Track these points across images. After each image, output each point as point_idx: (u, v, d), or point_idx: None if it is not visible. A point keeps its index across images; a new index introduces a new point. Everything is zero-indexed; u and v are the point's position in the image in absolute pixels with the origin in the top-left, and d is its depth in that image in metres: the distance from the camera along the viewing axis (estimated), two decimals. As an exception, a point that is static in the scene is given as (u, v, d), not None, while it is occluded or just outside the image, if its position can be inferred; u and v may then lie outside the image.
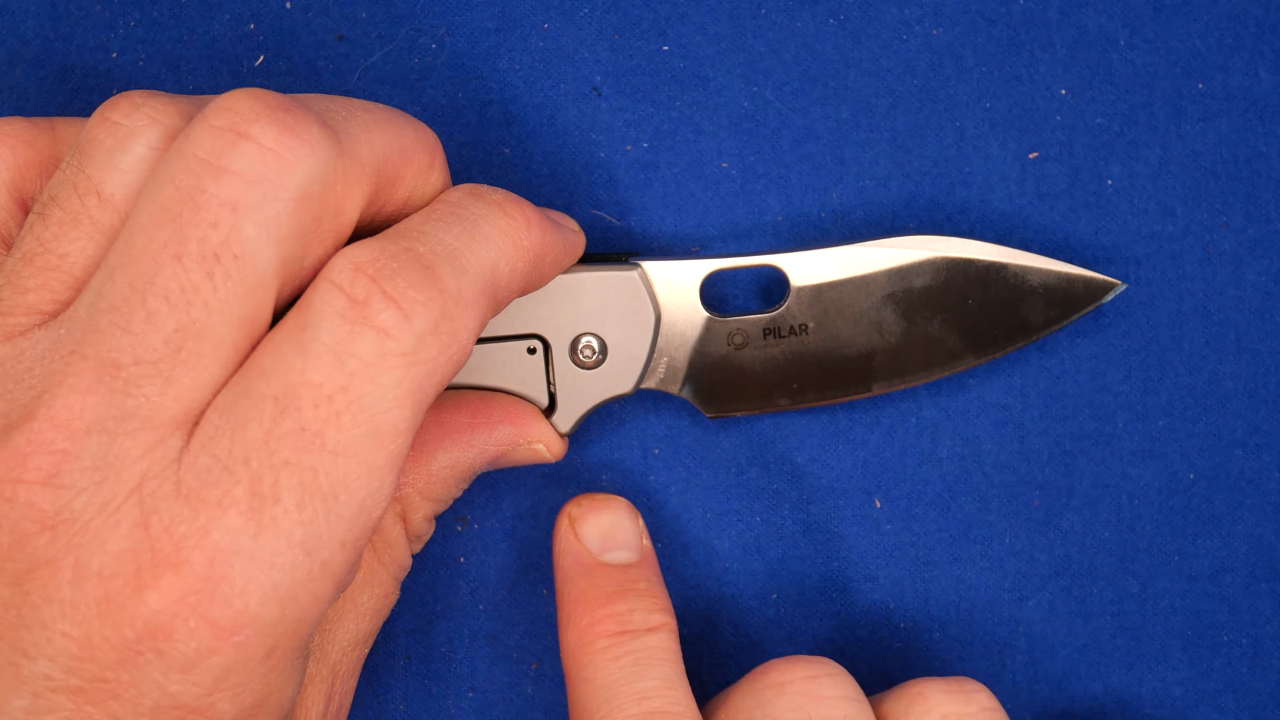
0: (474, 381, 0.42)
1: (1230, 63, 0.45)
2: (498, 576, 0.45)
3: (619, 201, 0.45)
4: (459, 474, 0.41)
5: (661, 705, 0.38)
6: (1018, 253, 0.43)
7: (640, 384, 0.43)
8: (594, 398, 0.42)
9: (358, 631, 0.39)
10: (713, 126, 0.45)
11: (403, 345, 0.33)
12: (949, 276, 0.43)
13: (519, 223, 0.36)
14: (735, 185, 0.45)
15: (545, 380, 0.42)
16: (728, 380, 0.43)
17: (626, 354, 0.42)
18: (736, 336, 0.43)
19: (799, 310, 0.43)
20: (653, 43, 0.44)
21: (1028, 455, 0.45)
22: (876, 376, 0.43)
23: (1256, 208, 0.45)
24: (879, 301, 0.43)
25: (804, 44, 0.45)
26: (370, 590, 0.39)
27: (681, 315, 0.43)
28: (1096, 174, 0.45)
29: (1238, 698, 0.45)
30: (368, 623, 0.40)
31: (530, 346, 0.42)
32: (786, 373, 0.43)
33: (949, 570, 0.45)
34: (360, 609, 0.39)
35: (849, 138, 0.45)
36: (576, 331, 0.42)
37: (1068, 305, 0.43)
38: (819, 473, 0.45)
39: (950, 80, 0.45)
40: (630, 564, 0.42)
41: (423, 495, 0.40)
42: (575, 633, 0.40)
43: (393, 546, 0.40)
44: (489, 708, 0.45)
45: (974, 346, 0.43)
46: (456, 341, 0.34)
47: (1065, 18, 0.45)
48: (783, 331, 0.43)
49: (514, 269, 0.36)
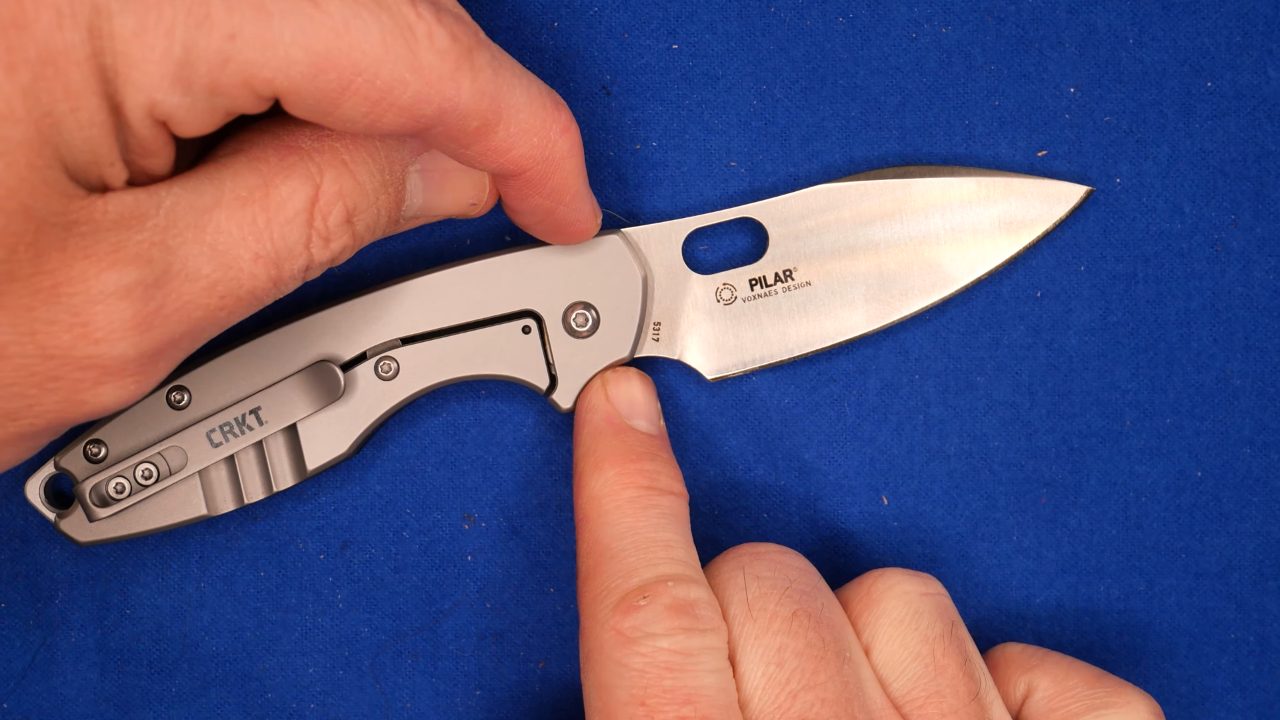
0: (474, 372, 0.43)
1: (1239, 61, 0.45)
2: (504, 575, 0.45)
3: (628, 199, 0.44)
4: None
5: (684, 557, 0.39)
6: (983, 171, 0.44)
7: (637, 349, 0.43)
8: (593, 366, 0.43)
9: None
10: (722, 125, 0.44)
11: None
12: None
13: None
14: (744, 183, 0.45)
15: (544, 358, 0.43)
16: (722, 337, 0.44)
17: (619, 317, 0.43)
18: (724, 291, 0.44)
19: (781, 256, 0.43)
20: (662, 41, 0.44)
21: (1035, 453, 0.45)
22: (868, 310, 0.44)
23: (1265, 206, 0.45)
24: (857, 235, 0.43)
25: (813, 42, 0.44)
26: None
27: (667, 277, 0.43)
28: (1105, 172, 0.45)
29: (1244, 695, 0.46)
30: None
31: (524, 325, 0.42)
32: (779, 320, 0.44)
33: (956, 567, 0.45)
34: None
35: (858, 136, 0.45)
36: (567, 301, 0.42)
37: (1036, 216, 0.44)
38: (826, 470, 0.45)
39: (959, 78, 0.45)
40: (653, 435, 0.42)
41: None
42: (601, 481, 0.40)
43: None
44: (496, 706, 0.45)
45: (965, 266, 0.44)
46: None
47: (1074, 16, 0.44)
48: (769, 280, 0.44)
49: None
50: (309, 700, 0.45)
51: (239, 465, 0.42)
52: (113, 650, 0.45)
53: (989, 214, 0.44)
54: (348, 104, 0.33)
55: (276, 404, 0.42)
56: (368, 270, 0.44)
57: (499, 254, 0.43)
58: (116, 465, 0.41)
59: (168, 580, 0.45)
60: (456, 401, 0.45)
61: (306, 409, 0.42)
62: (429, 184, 0.39)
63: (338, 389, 0.42)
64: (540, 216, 0.40)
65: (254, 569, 0.45)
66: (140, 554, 0.45)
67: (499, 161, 0.37)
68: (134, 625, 0.45)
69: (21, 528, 0.45)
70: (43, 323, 0.32)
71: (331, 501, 0.45)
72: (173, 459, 0.42)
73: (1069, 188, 0.44)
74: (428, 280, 0.42)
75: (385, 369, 0.43)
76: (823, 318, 0.44)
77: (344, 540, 0.45)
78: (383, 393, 0.43)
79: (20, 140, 0.30)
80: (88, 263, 0.32)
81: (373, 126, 0.34)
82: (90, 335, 0.32)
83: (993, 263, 0.44)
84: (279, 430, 0.42)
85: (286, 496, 0.45)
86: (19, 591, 0.45)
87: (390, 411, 0.43)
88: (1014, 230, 0.44)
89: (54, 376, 0.32)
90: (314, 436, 0.42)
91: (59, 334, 0.32)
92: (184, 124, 0.33)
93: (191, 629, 0.45)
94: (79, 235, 0.32)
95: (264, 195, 0.35)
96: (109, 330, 0.32)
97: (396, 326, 0.42)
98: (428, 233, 0.44)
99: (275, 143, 0.36)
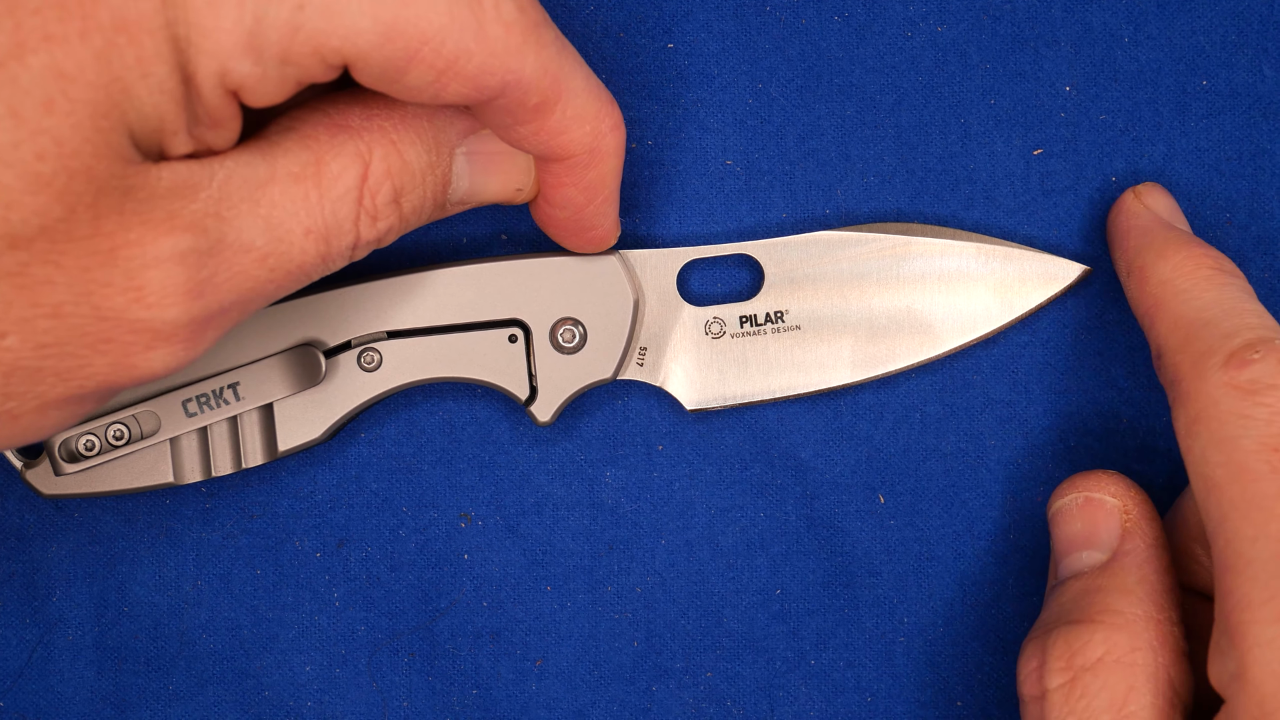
0: (455, 374, 0.43)
1: (1234, 60, 0.45)
2: (501, 573, 0.45)
3: (624, 199, 0.44)
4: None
5: (1275, 322, 0.39)
6: (985, 239, 0.44)
7: (620, 370, 0.43)
8: (574, 384, 0.43)
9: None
10: (717, 124, 0.45)
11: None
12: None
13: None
14: (740, 182, 0.45)
15: (526, 369, 0.43)
16: (706, 369, 0.44)
17: (607, 337, 0.43)
18: (714, 325, 0.44)
19: (775, 297, 0.43)
20: (657, 40, 0.44)
21: (1032, 451, 0.45)
22: (853, 361, 0.44)
23: (1260, 204, 0.45)
24: (852, 286, 0.43)
25: (809, 41, 0.44)
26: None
27: (659, 304, 0.43)
28: (1101, 170, 0.45)
29: (1241, 693, 0.46)
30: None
31: (511, 334, 0.42)
32: (765, 359, 0.44)
33: (952, 565, 0.45)
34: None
35: (854, 134, 0.45)
36: (557, 316, 0.43)
37: (1031, 290, 0.44)
38: (823, 468, 0.45)
39: (955, 77, 0.45)
40: (1191, 233, 0.43)
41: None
42: (1170, 265, 0.41)
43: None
44: (493, 704, 0.45)
45: (955, 330, 0.44)
46: None
47: (1069, 14, 0.44)
48: (759, 319, 0.44)
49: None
50: (306, 698, 0.45)
51: (211, 437, 0.42)
52: (110, 648, 0.45)
53: (985, 282, 0.44)
54: (414, 72, 0.34)
55: (256, 381, 0.42)
56: (363, 261, 0.44)
57: (494, 259, 0.43)
58: (89, 422, 0.42)
59: (165, 578, 0.45)
60: (453, 400, 0.45)
61: (285, 390, 0.42)
62: (475, 167, 0.39)
63: (318, 374, 0.42)
64: (570, 212, 0.40)
65: (251, 567, 0.45)
66: (138, 552, 0.45)
67: (551, 143, 0.37)
68: (131, 623, 0.45)
69: (18, 525, 0.45)
70: (98, 284, 0.32)
71: (328, 500, 0.45)
72: (145, 423, 0.42)
73: (1067, 265, 0.44)
74: (420, 277, 0.42)
75: (368, 360, 0.43)
76: (808, 363, 0.44)
77: (341, 538, 0.45)
78: (363, 383, 0.43)
79: (88, 102, 0.31)
80: (144, 228, 0.32)
81: (438, 95, 0.35)
82: (144, 299, 0.33)
83: (982, 330, 0.44)
84: (255, 408, 0.42)
85: (284, 494, 0.45)
86: (16, 589, 0.45)
87: (368, 402, 0.43)
88: (1008, 301, 0.44)
89: (106, 338, 0.33)
90: (289, 418, 0.43)
91: (113, 296, 0.32)
92: (255, 93, 0.33)
93: (189, 627, 0.45)
94: (136, 200, 0.32)
95: (316, 171, 0.35)
96: (162, 295, 0.33)
97: (385, 319, 0.43)
98: (425, 229, 0.44)
99: (326, 121, 0.36)
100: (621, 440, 0.45)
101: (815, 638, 0.45)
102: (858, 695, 0.45)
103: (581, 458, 0.45)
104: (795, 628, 0.45)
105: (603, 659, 0.45)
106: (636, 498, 0.45)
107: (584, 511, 0.45)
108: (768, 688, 0.45)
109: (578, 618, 0.45)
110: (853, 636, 0.45)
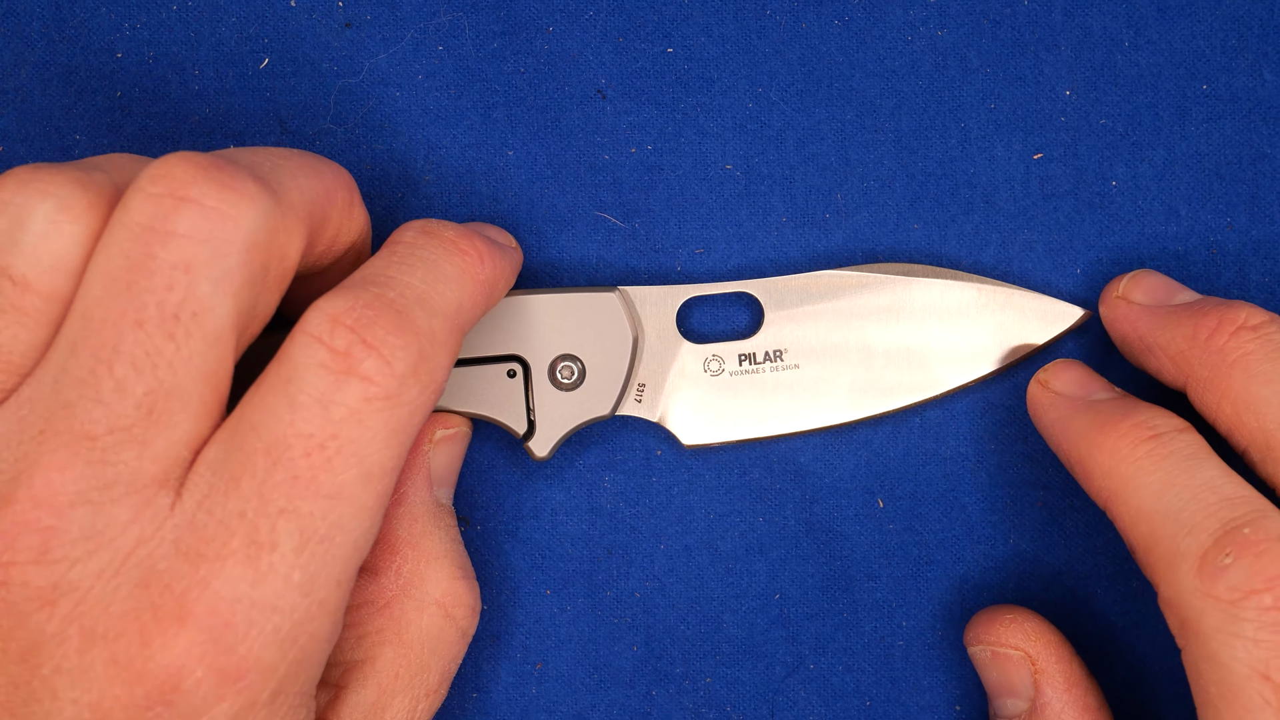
0: (454, 407, 0.43)
1: (1234, 64, 0.45)
2: (501, 577, 0.45)
3: (623, 204, 0.45)
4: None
5: (1234, 491, 0.37)
6: (984, 281, 0.44)
7: (618, 407, 0.43)
8: (572, 420, 0.43)
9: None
10: (717, 128, 0.45)
11: (386, 389, 0.34)
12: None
13: (473, 259, 0.38)
14: (740, 187, 0.45)
15: (525, 404, 0.43)
16: (704, 407, 0.44)
17: (605, 375, 0.43)
18: (713, 362, 0.44)
19: (774, 336, 0.44)
20: (657, 45, 0.44)
21: (1031, 455, 0.45)
22: (851, 400, 0.44)
23: (1260, 208, 0.45)
24: (852, 326, 0.44)
25: (808, 45, 0.44)
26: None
27: (658, 341, 0.44)
28: (1101, 175, 0.45)
29: (1240, 698, 0.45)
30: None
31: (510, 370, 0.43)
32: (762, 398, 0.44)
33: (951, 570, 0.45)
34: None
35: (853, 139, 0.45)
36: (556, 353, 0.43)
37: (1030, 332, 0.44)
38: (822, 473, 0.45)
39: (955, 81, 0.45)
40: (1117, 396, 0.41)
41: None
42: (1107, 454, 0.39)
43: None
44: (493, 708, 0.45)
45: (954, 371, 0.44)
46: (434, 380, 0.35)
47: (1070, 19, 0.44)
48: (758, 358, 0.44)
49: (474, 301, 0.38)
50: (305, 702, 0.45)
51: None
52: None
53: (985, 324, 0.44)
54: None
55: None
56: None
57: None
58: None
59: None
60: (452, 404, 0.45)
61: None
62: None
63: None
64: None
65: (251, 571, 0.45)
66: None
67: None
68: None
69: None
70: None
71: (328, 504, 0.45)
72: None
73: (1067, 308, 0.44)
74: None
75: None
76: (806, 402, 0.44)
77: (340, 542, 0.45)
78: None
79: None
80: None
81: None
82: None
83: (981, 372, 0.44)
84: None
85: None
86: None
87: None
88: (1007, 344, 0.44)
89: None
90: None
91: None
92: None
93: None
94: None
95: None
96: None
97: None
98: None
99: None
100: (621, 446, 0.45)
101: (814, 642, 0.45)
102: (857, 700, 0.45)
103: (580, 463, 0.45)
104: (794, 632, 0.45)
105: (602, 663, 0.45)
106: (635, 502, 0.45)
107: (583, 516, 0.45)
108: (767, 692, 0.45)
109: (577, 622, 0.45)
110: (852, 641, 0.45)
